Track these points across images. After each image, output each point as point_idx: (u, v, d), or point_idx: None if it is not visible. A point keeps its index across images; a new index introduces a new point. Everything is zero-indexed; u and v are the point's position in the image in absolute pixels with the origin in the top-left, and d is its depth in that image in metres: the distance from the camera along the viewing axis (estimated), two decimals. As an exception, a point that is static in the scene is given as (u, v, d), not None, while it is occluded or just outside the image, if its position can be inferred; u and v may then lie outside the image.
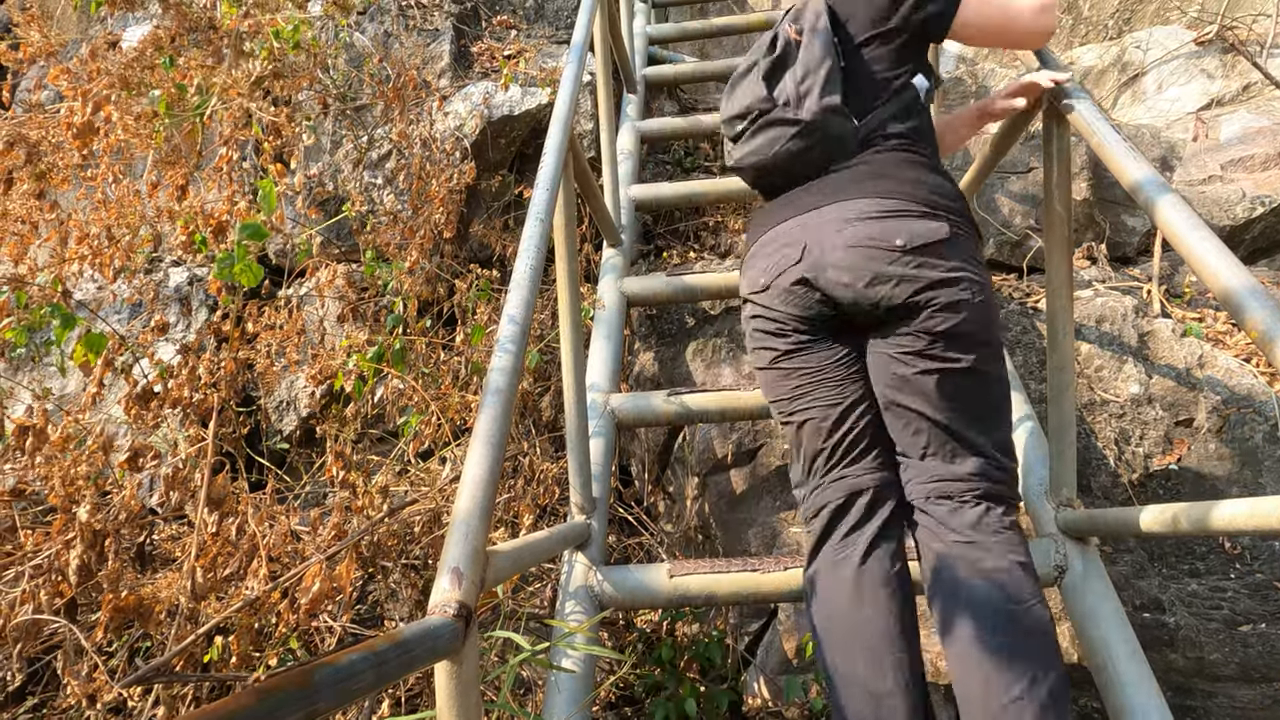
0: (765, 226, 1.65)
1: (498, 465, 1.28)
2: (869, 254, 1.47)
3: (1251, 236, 3.53)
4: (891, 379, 1.51)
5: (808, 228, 1.55)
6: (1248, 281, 1.26)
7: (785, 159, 1.60)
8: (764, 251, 1.61)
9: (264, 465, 2.65)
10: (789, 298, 1.56)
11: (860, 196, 1.52)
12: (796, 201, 1.61)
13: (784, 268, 1.55)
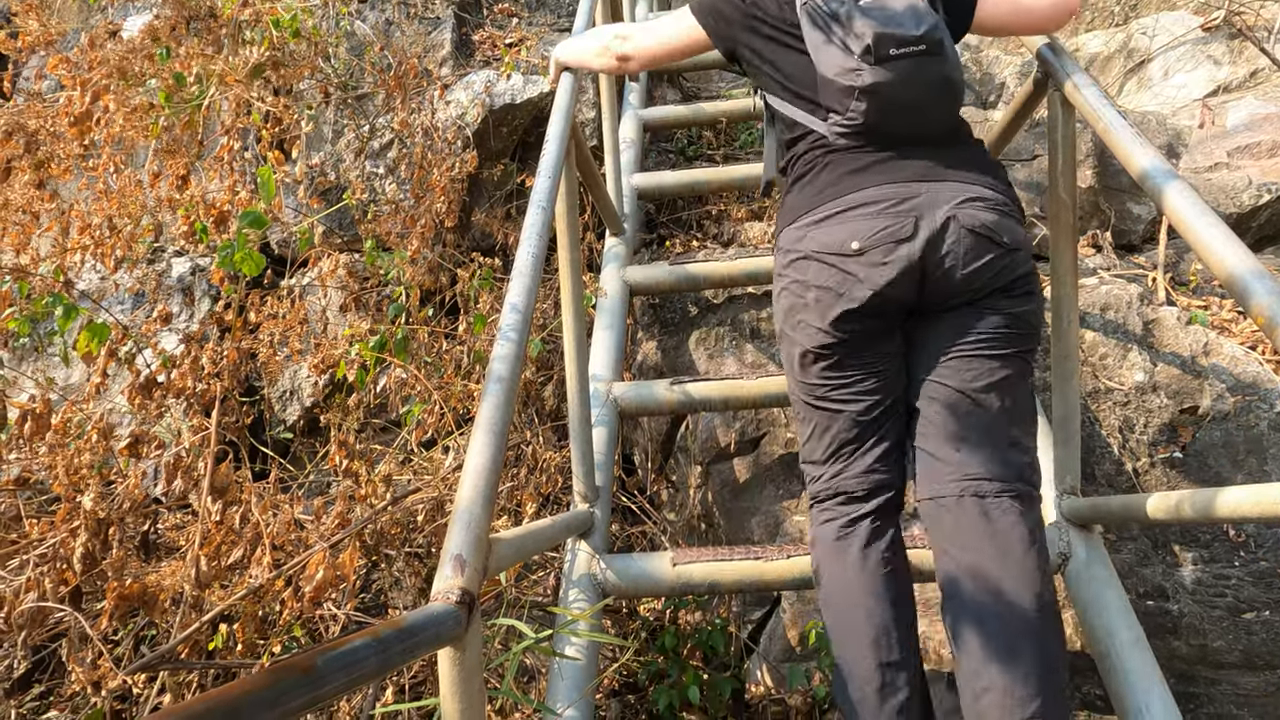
0: (853, 185, 1.51)
1: (500, 453, 1.28)
2: (982, 242, 1.46)
3: (1258, 224, 3.51)
4: (952, 367, 1.48)
5: (920, 202, 1.46)
6: (1254, 267, 1.25)
7: (915, 106, 1.50)
8: (857, 213, 1.47)
9: (267, 455, 2.65)
10: (886, 269, 1.44)
11: (971, 182, 1.50)
12: (895, 168, 1.50)
13: (894, 237, 1.44)
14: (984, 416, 1.46)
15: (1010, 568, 1.37)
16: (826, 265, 1.48)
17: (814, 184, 1.56)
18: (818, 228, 1.52)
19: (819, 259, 1.49)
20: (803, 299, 1.52)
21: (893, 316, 1.52)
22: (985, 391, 1.46)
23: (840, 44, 1.49)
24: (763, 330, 2.74)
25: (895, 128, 1.52)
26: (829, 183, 1.54)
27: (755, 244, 3.15)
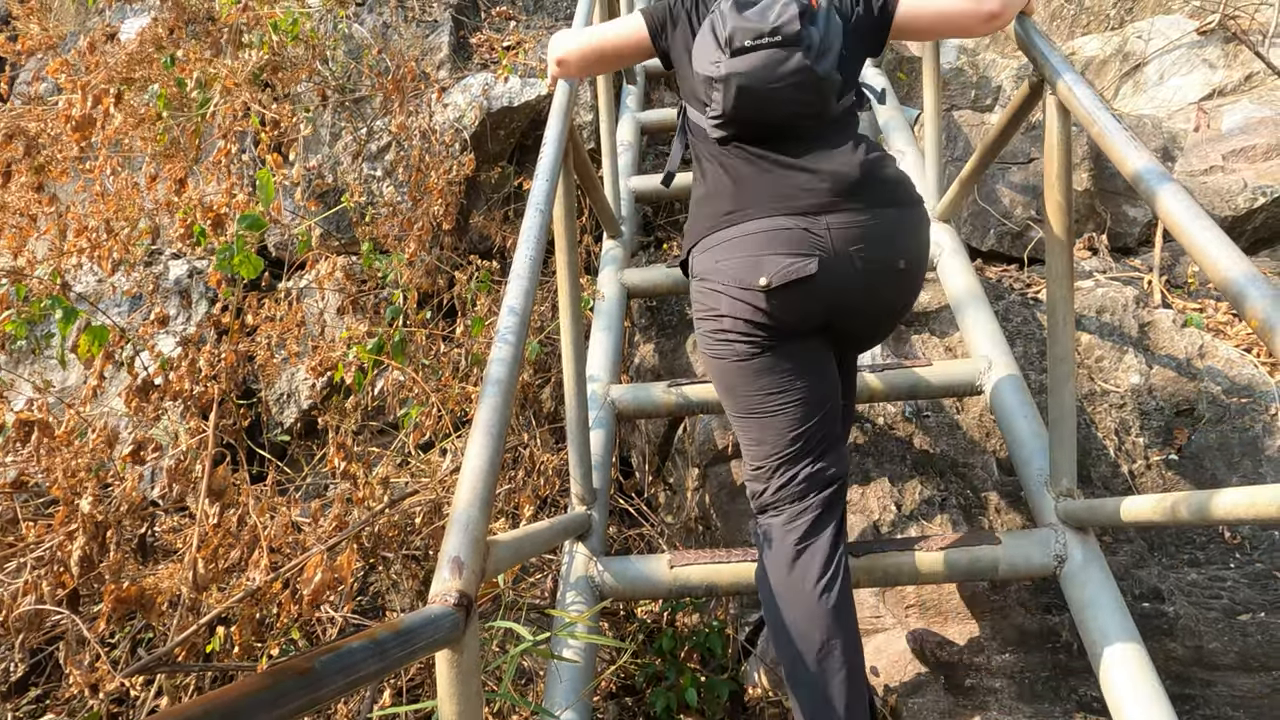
0: (750, 203, 1.57)
1: (498, 456, 1.28)
2: (882, 277, 1.57)
3: (1253, 227, 3.52)
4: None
5: (820, 240, 1.53)
6: (1248, 270, 1.25)
7: (768, 99, 1.54)
8: (763, 246, 1.54)
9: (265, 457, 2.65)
10: (790, 307, 1.54)
11: (866, 204, 1.56)
12: (780, 182, 1.56)
13: (792, 276, 1.51)
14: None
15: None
16: (739, 302, 1.55)
17: (712, 197, 1.64)
18: (727, 261, 1.57)
19: (730, 295, 1.56)
20: (720, 325, 1.59)
21: (808, 334, 1.60)
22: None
23: (713, 39, 1.57)
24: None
25: (756, 118, 1.57)
26: (725, 194, 1.61)
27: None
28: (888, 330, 1.75)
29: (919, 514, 2.25)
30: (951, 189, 2.58)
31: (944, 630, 2.07)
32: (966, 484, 2.31)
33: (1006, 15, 1.70)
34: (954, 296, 2.48)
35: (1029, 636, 2.01)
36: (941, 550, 1.84)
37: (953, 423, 2.46)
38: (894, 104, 3.43)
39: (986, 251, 3.45)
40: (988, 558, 1.83)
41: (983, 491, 2.29)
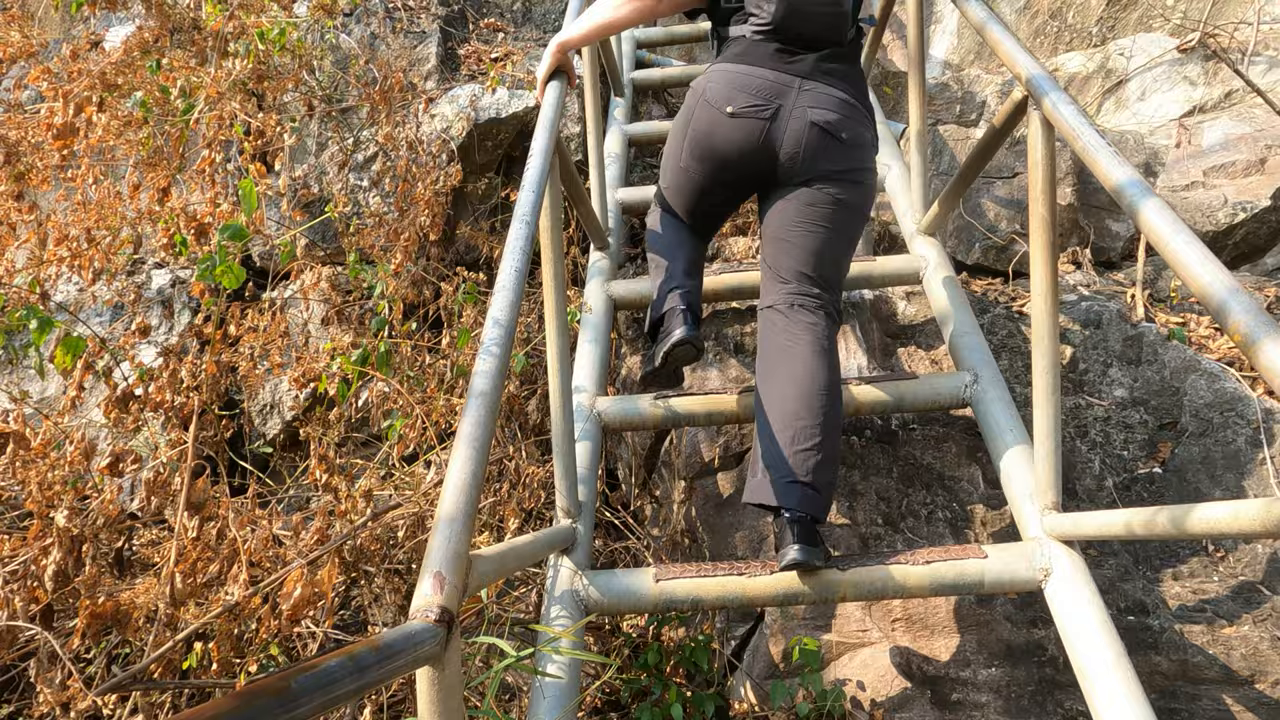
0: (751, 60, 1.97)
1: (481, 468, 1.27)
2: (825, 135, 1.92)
3: (1234, 242, 3.56)
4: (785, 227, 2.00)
5: (789, 94, 1.93)
6: (1230, 284, 1.26)
7: (808, 16, 1.94)
8: (740, 84, 1.95)
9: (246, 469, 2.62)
10: (746, 131, 1.94)
11: (833, 87, 1.96)
12: (783, 60, 1.96)
13: (758, 114, 1.93)
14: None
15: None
16: (710, 109, 1.98)
17: (732, 52, 2.04)
18: (718, 81, 1.98)
19: (707, 103, 1.98)
20: (685, 124, 2.04)
21: (743, 176, 2.03)
22: (806, 243, 1.98)
23: None
24: (746, 345, 2.74)
25: (793, 30, 1.96)
26: (737, 54, 2.01)
27: (739, 259, 3.16)
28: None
29: (906, 527, 2.25)
30: (936, 204, 2.60)
31: (930, 644, 2.06)
32: (953, 497, 2.31)
33: None
34: (940, 310, 2.49)
35: (1015, 650, 2.01)
36: (928, 564, 1.84)
37: (939, 435, 2.46)
38: (880, 118, 3.44)
39: (972, 265, 3.47)
40: (974, 571, 1.83)
41: (969, 504, 2.29)
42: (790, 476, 1.79)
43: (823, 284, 2.00)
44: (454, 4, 4.13)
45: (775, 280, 2.02)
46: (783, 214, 2.00)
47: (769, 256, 2.04)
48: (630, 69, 3.99)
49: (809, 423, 1.83)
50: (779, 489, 1.80)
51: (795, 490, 1.79)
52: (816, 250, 1.98)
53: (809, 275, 1.99)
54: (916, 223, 2.75)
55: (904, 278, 2.65)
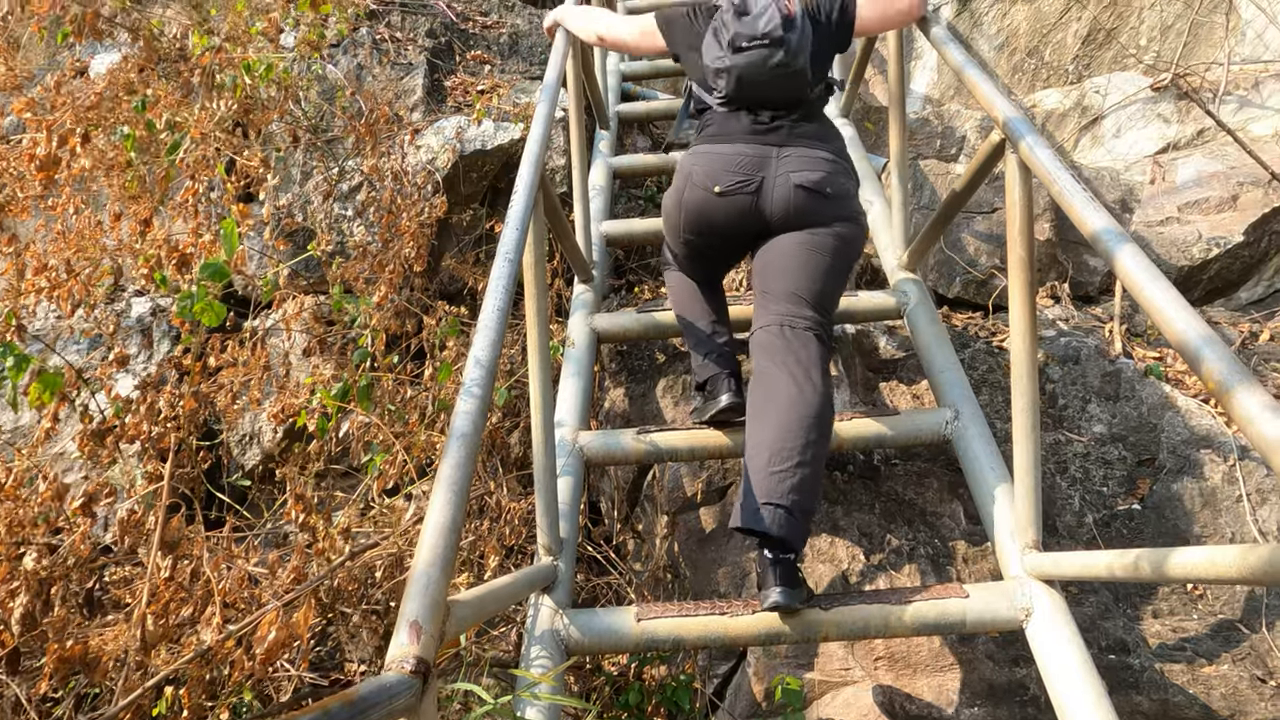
0: (726, 137, 2.09)
1: (460, 511, 1.26)
2: (810, 194, 2.01)
3: (1209, 276, 3.62)
4: (782, 253, 2.06)
5: (770, 165, 2.03)
6: (1204, 331, 1.28)
7: (761, 84, 2.06)
8: (723, 162, 2.06)
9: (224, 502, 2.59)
10: (735, 207, 2.04)
11: (809, 149, 2.06)
12: (755, 130, 2.07)
13: (744, 189, 2.03)
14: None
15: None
16: (698, 190, 2.08)
17: (708, 132, 2.16)
18: (701, 163, 2.09)
19: (695, 185, 2.08)
20: (678, 205, 2.13)
21: (739, 239, 2.14)
22: (798, 268, 2.03)
23: (718, 41, 2.12)
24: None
25: (751, 97, 2.09)
26: (713, 134, 2.13)
27: (730, 291, 3.18)
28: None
29: (888, 564, 2.24)
30: (917, 240, 2.63)
31: (913, 683, 2.05)
32: (935, 533, 2.32)
33: (922, 4, 2.36)
34: (921, 345, 2.51)
35: (997, 690, 2.00)
36: (910, 603, 1.83)
37: (921, 471, 2.47)
38: (861, 153, 3.49)
39: (953, 298, 3.51)
40: (955, 611, 1.83)
41: (951, 541, 2.29)
42: (764, 498, 1.77)
43: (815, 307, 2.02)
44: (441, 37, 4.17)
45: (768, 303, 2.04)
46: (777, 247, 2.07)
47: (762, 283, 2.08)
48: (616, 102, 4.03)
49: (787, 445, 1.81)
50: (750, 512, 1.78)
51: (766, 512, 1.76)
52: (809, 274, 2.02)
53: (802, 297, 2.01)
54: (898, 258, 2.78)
55: (886, 313, 2.67)
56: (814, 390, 1.88)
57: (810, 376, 1.90)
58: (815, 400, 1.87)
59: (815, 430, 1.84)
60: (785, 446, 1.80)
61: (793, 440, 1.81)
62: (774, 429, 1.84)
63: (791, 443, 1.81)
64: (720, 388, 2.21)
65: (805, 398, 1.87)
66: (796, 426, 1.83)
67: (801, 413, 1.85)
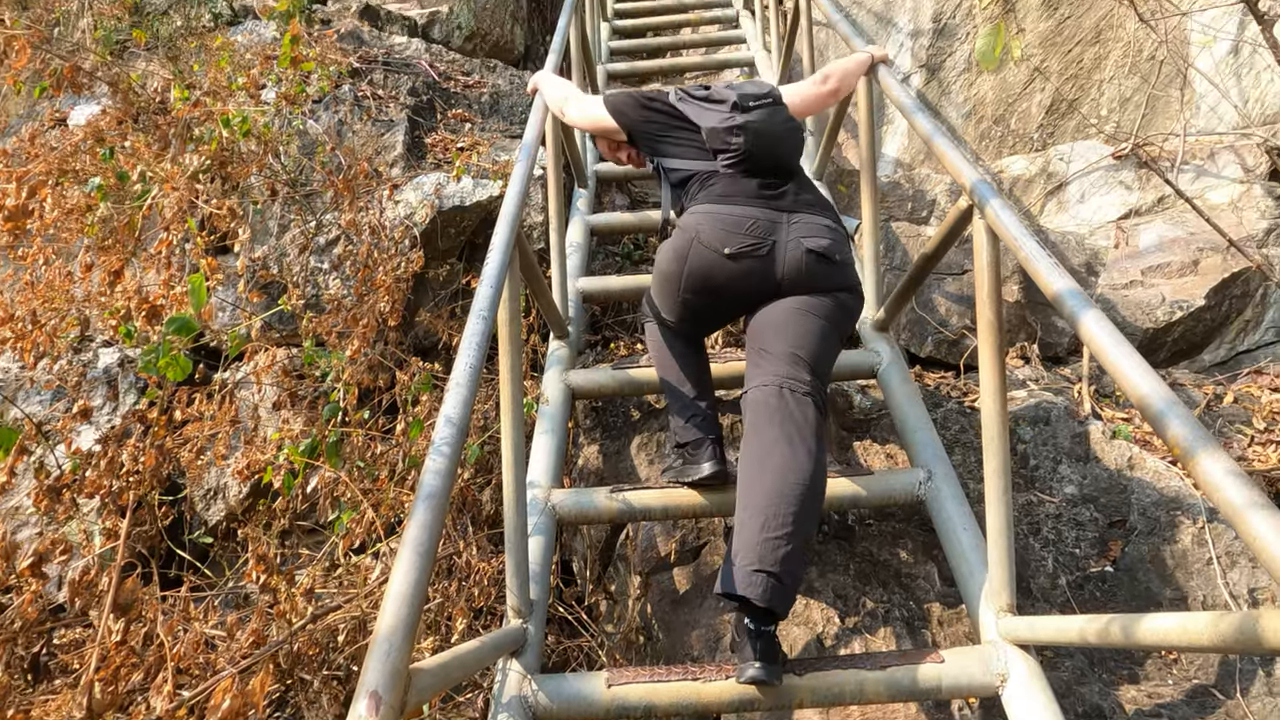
0: (736, 197, 2.10)
1: (425, 575, 1.23)
2: (819, 259, 2.05)
3: (1173, 339, 3.70)
4: (784, 319, 2.06)
5: (780, 230, 2.06)
6: (1167, 395, 1.30)
7: (775, 136, 2.15)
8: (734, 225, 2.06)
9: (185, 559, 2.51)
10: (745, 271, 2.05)
11: (814, 216, 2.11)
12: (763, 194, 2.10)
13: (755, 253, 2.04)
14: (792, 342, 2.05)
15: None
16: (707, 251, 2.06)
17: (708, 192, 2.15)
18: (710, 224, 2.07)
19: (704, 245, 2.07)
20: (681, 264, 2.10)
21: (742, 302, 2.12)
22: (800, 331, 2.03)
23: (714, 108, 2.19)
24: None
25: (765, 153, 2.14)
26: (721, 194, 2.12)
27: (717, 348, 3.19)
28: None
29: (863, 627, 2.22)
30: (889, 301, 2.66)
31: (889, 751, 2.00)
32: (910, 595, 2.29)
33: (844, 89, 2.72)
34: (894, 405, 2.52)
35: (975, 758, 1.96)
36: (885, 669, 1.81)
37: (896, 531, 2.46)
38: (835, 215, 3.55)
39: (925, 358, 3.55)
40: (931, 676, 1.80)
41: (926, 603, 2.27)
42: (756, 564, 1.74)
43: (814, 371, 2.00)
44: (423, 95, 4.23)
45: (766, 362, 2.02)
46: (780, 307, 2.07)
47: (760, 342, 2.06)
48: (594, 161, 4.09)
49: (783, 511, 1.78)
50: (739, 577, 1.75)
51: (759, 579, 1.73)
52: (811, 338, 2.02)
53: (802, 359, 1.99)
54: (871, 318, 2.81)
55: (859, 372, 2.69)
56: (810, 457, 1.85)
57: (807, 443, 1.87)
58: (811, 468, 1.84)
59: (810, 498, 1.82)
60: (781, 513, 1.78)
61: (788, 507, 1.78)
62: (770, 494, 1.81)
63: (787, 509, 1.78)
64: (703, 453, 2.19)
65: (802, 464, 1.84)
66: (792, 493, 1.80)
67: (798, 479, 1.82)
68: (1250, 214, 3.93)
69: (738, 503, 1.87)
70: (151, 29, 4.67)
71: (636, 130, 2.36)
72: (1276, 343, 3.82)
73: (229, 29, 4.85)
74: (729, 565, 1.80)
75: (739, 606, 1.81)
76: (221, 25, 5.00)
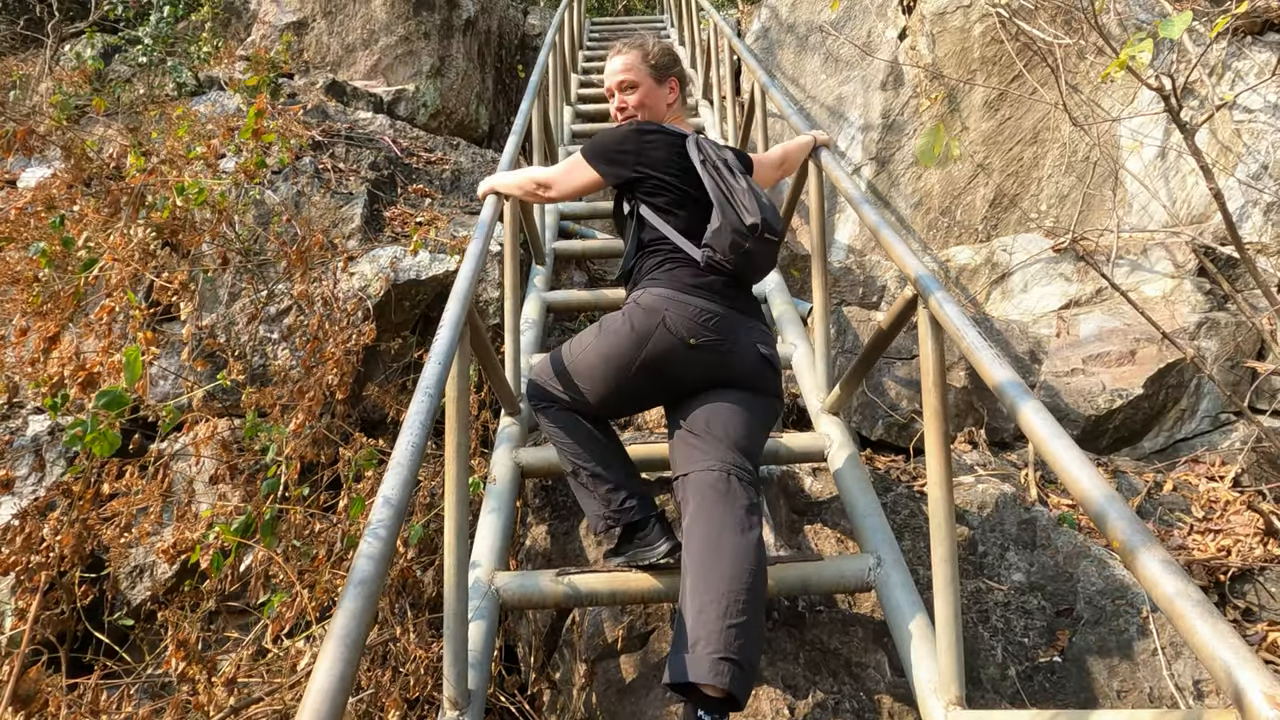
0: (702, 293, 2.14)
1: (353, 668, 1.16)
2: (763, 360, 2.15)
3: (1114, 425, 3.80)
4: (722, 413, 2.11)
5: (738, 330, 2.14)
6: (1107, 491, 1.31)
7: (759, 269, 2.20)
8: (701, 317, 2.10)
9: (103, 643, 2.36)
10: (707, 359, 2.10)
11: (760, 323, 2.23)
12: (727, 296, 2.16)
13: (717, 348, 2.10)
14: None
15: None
16: (671, 337, 2.08)
17: (674, 274, 2.17)
18: (678, 311, 2.10)
19: (669, 331, 2.09)
20: (638, 345, 2.10)
21: (684, 388, 2.14)
22: (745, 423, 2.10)
23: (736, 214, 2.15)
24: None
25: (743, 274, 2.19)
26: (692, 285, 2.15)
27: (651, 428, 3.18)
28: None
29: (813, 719, 2.16)
30: (839, 386, 2.69)
31: None
32: (860, 685, 2.25)
33: (790, 167, 2.93)
34: (844, 488, 2.52)
35: None
36: (833, 766, 1.75)
37: (846, 618, 2.42)
38: (786, 298, 3.63)
39: (875, 440, 3.58)
40: (881, 774, 1.75)
41: (876, 694, 2.22)
42: (722, 652, 1.71)
43: (753, 461, 2.07)
44: (384, 169, 4.27)
45: (710, 446, 2.03)
46: (729, 396, 2.12)
47: (706, 426, 2.07)
48: (553, 239, 4.14)
49: (740, 597, 1.78)
50: (705, 665, 1.70)
51: (726, 668, 1.69)
52: (751, 430, 2.09)
53: (744, 450, 2.04)
54: (821, 401, 2.84)
55: (810, 455, 2.69)
56: (759, 545, 1.89)
57: (756, 530, 1.91)
58: (758, 552, 1.87)
59: (760, 583, 1.83)
60: (740, 599, 1.77)
61: (745, 594, 1.78)
62: (728, 580, 1.80)
63: (743, 595, 1.78)
64: (652, 534, 2.17)
65: (751, 549, 1.86)
66: (747, 578, 1.81)
67: (750, 566, 1.83)
68: (1182, 308, 4.10)
69: (690, 588, 1.83)
70: (113, 96, 4.67)
71: (624, 182, 2.30)
72: (1212, 431, 3.95)
73: (191, 99, 4.88)
74: (680, 654, 1.75)
75: (687, 698, 1.75)
76: (185, 95, 5.03)
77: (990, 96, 4.98)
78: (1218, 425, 3.94)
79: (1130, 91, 4.67)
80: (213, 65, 5.55)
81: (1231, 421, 3.90)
